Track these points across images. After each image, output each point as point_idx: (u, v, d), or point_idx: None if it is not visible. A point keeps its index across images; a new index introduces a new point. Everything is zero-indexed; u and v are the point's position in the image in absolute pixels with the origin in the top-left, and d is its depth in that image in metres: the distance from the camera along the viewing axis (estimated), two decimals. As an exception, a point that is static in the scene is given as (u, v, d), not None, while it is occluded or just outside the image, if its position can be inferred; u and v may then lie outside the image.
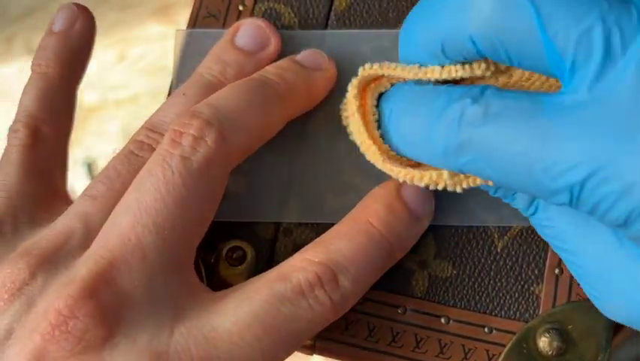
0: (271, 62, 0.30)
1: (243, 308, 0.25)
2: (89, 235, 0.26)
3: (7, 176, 0.29)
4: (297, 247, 0.29)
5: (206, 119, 0.26)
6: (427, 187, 0.26)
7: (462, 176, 0.26)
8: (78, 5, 0.32)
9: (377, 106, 0.28)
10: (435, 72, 0.26)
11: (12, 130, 0.30)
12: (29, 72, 0.31)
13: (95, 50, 0.53)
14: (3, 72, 0.54)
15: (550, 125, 0.22)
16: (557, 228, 0.26)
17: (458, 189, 0.26)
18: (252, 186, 0.30)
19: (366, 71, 0.27)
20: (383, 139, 0.27)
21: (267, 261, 0.30)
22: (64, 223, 0.27)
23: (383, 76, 0.28)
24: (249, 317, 0.25)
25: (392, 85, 0.28)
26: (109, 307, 0.24)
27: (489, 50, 0.23)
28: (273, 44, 0.31)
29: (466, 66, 0.25)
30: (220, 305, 0.25)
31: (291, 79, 0.29)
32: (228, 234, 0.30)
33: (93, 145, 0.53)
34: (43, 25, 0.56)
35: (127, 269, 0.24)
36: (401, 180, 0.27)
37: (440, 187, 0.26)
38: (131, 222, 0.25)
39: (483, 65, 0.25)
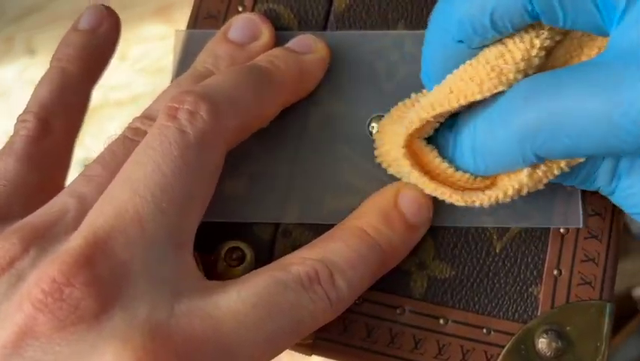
0: None
1: (247, 291, 0.25)
2: (83, 212, 0.25)
3: (7, 165, 0.28)
4: (295, 248, 0.29)
5: (199, 95, 0.26)
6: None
7: (539, 172, 0.26)
8: (107, 7, 0.32)
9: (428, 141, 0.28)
10: (517, 50, 0.26)
11: (20, 119, 0.29)
12: (29, 72, 0.31)
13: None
14: (3, 72, 0.54)
15: (617, 71, 0.22)
16: None
17: (540, 187, 0.27)
18: (251, 187, 0.30)
19: (415, 122, 0.27)
20: (451, 165, 0.28)
21: (266, 261, 0.29)
22: (59, 201, 0.26)
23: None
24: (254, 298, 0.24)
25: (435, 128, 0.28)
26: (106, 278, 0.23)
27: (545, 9, 0.24)
28: (266, 36, 0.31)
29: (544, 31, 0.26)
30: (221, 288, 0.25)
31: (282, 64, 0.29)
32: (227, 234, 0.30)
33: (93, 145, 0.53)
34: (43, 25, 0.56)
35: (124, 240, 0.24)
36: (486, 205, 0.27)
37: (524, 192, 0.27)
38: (128, 194, 0.24)
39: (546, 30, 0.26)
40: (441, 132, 0.28)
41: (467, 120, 0.27)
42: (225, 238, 0.29)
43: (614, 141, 0.23)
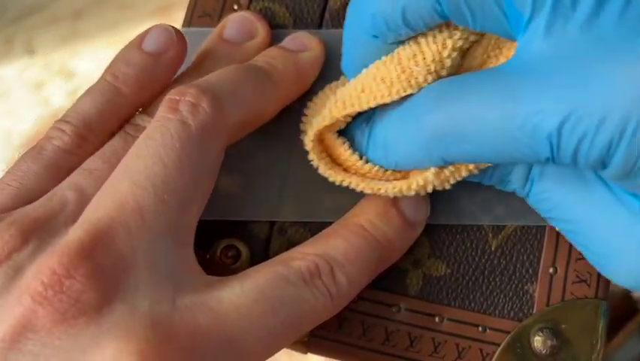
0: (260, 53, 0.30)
1: (249, 285, 0.25)
2: (83, 205, 0.25)
3: (29, 169, 0.27)
4: (291, 246, 0.29)
5: (201, 88, 0.26)
6: (417, 193, 0.27)
7: (447, 172, 0.26)
8: (177, 31, 0.30)
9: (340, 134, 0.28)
10: (429, 51, 0.26)
11: (57, 127, 0.28)
12: (29, 72, 0.30)
13: (95, 50, 0.53)
14: (3, 72, 0.54)
15: (515, 84, 0.22)
16: (554, 198, 0.26)
17: (447, 186, 0.27)
18: (247, 185, 0.30)
19: (327, 118, 0.27)
20: (362, 159, 0.28)
21: (261, 259, 0.29)
22: (58, 194, 0.26)
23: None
24: (256, 293, 0.25)
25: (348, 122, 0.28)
26: (107, 270, 0.23)
27: (453, 10, 0.24)
28: (261, 34, 0.31)
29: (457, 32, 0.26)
30: (223, 283, 0.25)
31: (279, 64, 0.29)
32: (223, 232, 0.30)
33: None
34: (43, 25, 0.56)
35: (125, 232, 0.23)
36: (391, 196, 0.27)
37: (429, 189, 0.27)
38: (128, 186, 0.24)
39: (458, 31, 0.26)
40: (358, 125, 0.28)
41: (382, 116, 0.27)
42: (221, 235, 0.30)
43: (512, 151, 0.23)
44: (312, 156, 0.28)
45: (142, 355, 0.22)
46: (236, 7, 0.32)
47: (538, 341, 0.28)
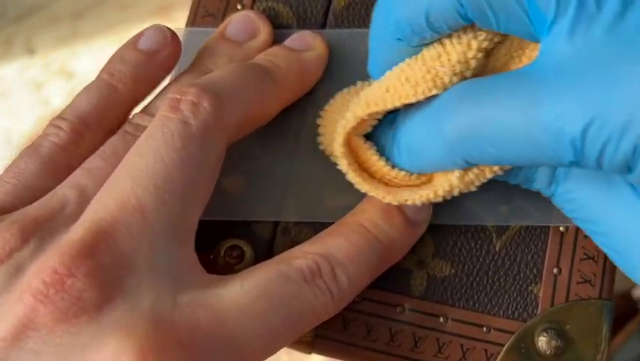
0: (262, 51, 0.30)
1: (250, 283, 0.25)
2: (83, 205, 0.25)
3: (27, 165, 0.27)
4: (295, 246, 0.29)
5: (202, 87, 0.26)
6: (444, 199, 0.27)
7: (471, 175, 0.26)
8: (172, 31, 0.30)
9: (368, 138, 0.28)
10: (454, 52, 0.25)
11: (54, 123, 0.28)
12: (29, 72, 0.30)
13: (95, 50, 0.53)
14: (3, 72, 0.54)
15: (538, 87, 0.22)
16: (579, 199, 0.26)
17: (472, 189, 0.27)
18: (250, 185, 0.30)
19: (359, 113, 0.27)
20: (387, 163, 0.27)
21: (265, 260, 0.30)
22: (59, 193, 0.26)
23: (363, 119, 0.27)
24: (257, 290, 0.25)
25: (373, 126, 0.28)
26: (108, 269, 0.23)
27: (477, 13, 0.24)
28: (264, 34, 0.31)
29: (480, 33, 0.26)
30: (224, 281, 0.25)
31: (282, 62, 0.29)
32: (227, 233, 0.30)
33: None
34: (43, 25, 0.56)
35: (127, 231, 0.24)
36: (419, 205, 0.27)
37: (456, 193, 0.26)
38: (130, 185, 0.24)
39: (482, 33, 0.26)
40: (382, 130, 0.28)
41: (405, 119, 0.27)
42: (225, 236, 0.30)
43: (535, 155, 0.23)
44: (341, 162, 0.28)
45: (142, 352, 0.22)
46: (239, 7, 0.32)
47: (542, 342, 0.28)
